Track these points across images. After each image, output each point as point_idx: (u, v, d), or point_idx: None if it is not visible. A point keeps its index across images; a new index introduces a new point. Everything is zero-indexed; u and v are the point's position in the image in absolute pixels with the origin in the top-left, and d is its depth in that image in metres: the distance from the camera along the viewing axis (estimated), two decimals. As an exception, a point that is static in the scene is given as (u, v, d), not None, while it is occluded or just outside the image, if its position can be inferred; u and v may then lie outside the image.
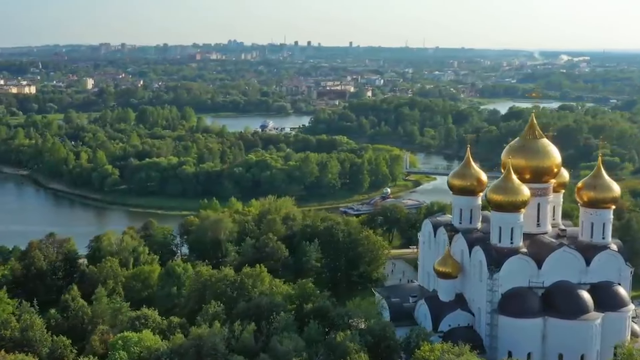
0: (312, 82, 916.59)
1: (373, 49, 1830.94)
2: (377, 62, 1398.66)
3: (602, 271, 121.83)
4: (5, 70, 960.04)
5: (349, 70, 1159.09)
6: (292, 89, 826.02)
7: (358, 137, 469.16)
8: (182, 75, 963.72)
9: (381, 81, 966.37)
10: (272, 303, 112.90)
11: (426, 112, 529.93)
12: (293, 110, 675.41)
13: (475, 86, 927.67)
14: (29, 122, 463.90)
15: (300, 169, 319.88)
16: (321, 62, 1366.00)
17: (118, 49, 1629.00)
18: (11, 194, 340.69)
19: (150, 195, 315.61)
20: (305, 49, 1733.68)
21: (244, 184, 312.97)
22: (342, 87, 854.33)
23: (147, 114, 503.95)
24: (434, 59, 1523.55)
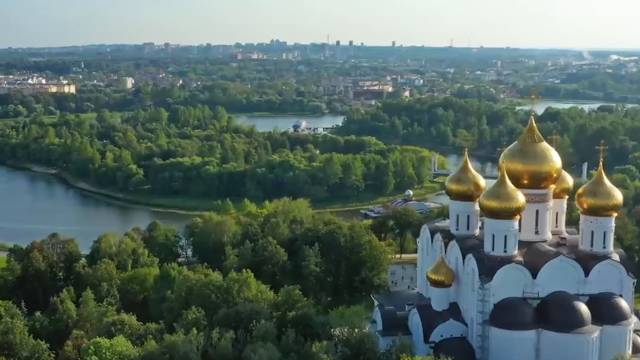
0: (350, 82, 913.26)
1: (416, 49, 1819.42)
2: (419, 61, 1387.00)
3: (602, 282, 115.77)
4: (49, 70, 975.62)
5: (389, 70, 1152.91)
6: (329, 89, 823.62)
7: (390, 137, 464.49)
8: (221, 75, 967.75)
9: (420, 81, 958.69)
10: (252, 310, 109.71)
11: (460, 112, 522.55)
12: (328, 110, 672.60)
13: (516, 86, 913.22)
14: (62, 121, 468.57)
15: (323, 170, 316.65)
16: (362, 62, 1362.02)
17: (161, 49, 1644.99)
18: (37, 192, 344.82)
19: (173, 195, 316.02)
20: (347, 49, 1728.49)
21: (266, 185, 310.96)
22: (380, 87, 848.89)
23: (179, 113, 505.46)
24: (478, 59, 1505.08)
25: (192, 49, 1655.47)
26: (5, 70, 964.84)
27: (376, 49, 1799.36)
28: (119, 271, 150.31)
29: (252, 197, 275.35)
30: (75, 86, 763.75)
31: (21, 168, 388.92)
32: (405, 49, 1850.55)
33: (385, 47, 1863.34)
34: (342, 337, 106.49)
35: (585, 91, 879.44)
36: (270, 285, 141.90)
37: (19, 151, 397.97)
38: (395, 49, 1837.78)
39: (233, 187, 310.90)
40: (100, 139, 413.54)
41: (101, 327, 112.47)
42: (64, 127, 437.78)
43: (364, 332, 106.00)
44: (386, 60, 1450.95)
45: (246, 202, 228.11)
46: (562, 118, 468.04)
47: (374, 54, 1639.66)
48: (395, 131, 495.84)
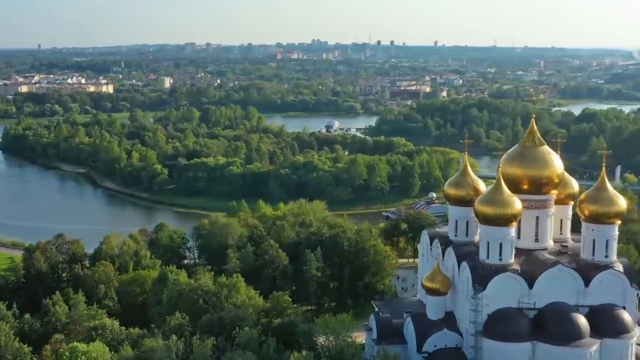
0: (388, 82, 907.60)
1: (458, 49, 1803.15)
2: (460, 61, 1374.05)
3: (603, 293, 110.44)
4: (90, 70, 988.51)
5: (429, 70, 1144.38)
6: (365, 89, 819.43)
7: (422, 138, 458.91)
8: (259, 75, 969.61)
9: (460, 81, 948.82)
10: (236, 317, 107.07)
11: (495, 113, 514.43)
12: (363, 111, 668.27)
13: (557, 87, 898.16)
14: (94, 121, 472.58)
15: (348, 171, 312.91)
16: (402, 62, 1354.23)
17: (203, 49, 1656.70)
18: (64, 191, 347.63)
19: (197, 195, 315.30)
20: (388, 49, 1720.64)
21: (290, 186, 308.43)
22: (418, 87, 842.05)
23: (210, 113, 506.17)
24: (521, 59, 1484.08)
25: (233, 49, 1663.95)
26: (47, 70, 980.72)
27: (418, 48, 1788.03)
28: (117, 273, 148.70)
29: (275, 198, 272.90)
30: (113, 86, 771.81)
31: (51, 167, 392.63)
32: (448, 48, 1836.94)
33: (427, 47, 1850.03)
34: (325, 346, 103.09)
35: (629, 92, 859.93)
36: (270, 289, 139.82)
37: (50, 150, 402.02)
38: (437, 49, 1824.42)
39: (256, 188, 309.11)
40: (130, 138, 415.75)
41: (83, 331, 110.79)
42: (95, 126, 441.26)
43: (345, 342, 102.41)
44: (427, 60, 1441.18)
45: (260, 203, 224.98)
46: (599, 119, 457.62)
47: (415, 53, 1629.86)
48: (428, 132, 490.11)
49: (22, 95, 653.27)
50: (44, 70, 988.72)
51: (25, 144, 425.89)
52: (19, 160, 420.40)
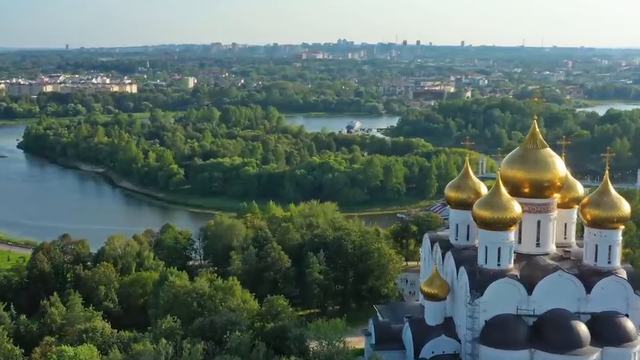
0: (412, 82, 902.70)
1: (485, 49, 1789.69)
2: (486, 61, 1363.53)
3: (605, 300, 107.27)
4: (115, 69, 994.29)
5: (454, 70, 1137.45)
6: (389, 89, 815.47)
7: (444, 139, 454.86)
8: (282, 75, 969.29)
9: (485, 81, 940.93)
10: (228, 321, 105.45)
11: (518, 114, 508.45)
12: (385, 111, 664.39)
13: (583, 87, 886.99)
14: (114, 121, 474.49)
15: (364, 172, 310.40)
16: (428, 62, 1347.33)
17: (229, 49, 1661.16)
18: (81, 191, 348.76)
19: (212, 195, 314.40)
20: (414, 49, 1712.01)
21: (305, 187, 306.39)
22: (442, 87, 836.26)
23: (230, 113, 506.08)
24: (549, 59, 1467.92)
25: (259, 49, 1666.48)
26: (73, 70, 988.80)
27: (444, 48, 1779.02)
28: (119, 275, 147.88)
29: (290, 199, 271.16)
30: (137, 86, 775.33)
31: (70, 167, 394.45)
32: (475, 48, 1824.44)
33: (453, 47, 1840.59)
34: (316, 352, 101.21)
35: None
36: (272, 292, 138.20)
37: (69, 150, 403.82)
38: (464, 49, 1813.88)
39: (272, 189, 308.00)
40: (149, 138, 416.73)
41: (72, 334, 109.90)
42: (115, 126, 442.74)
43: (336, 348, 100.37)
44: (453, 60, 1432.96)
45: (270, 204, 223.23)
46: (623, 120, 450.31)
47: (442, 53, 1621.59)
48: (449, 132, 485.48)
49: (45, 95, 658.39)
50: (70, 70, 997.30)
51: (45, 144, 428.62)
52: (40, 160, 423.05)
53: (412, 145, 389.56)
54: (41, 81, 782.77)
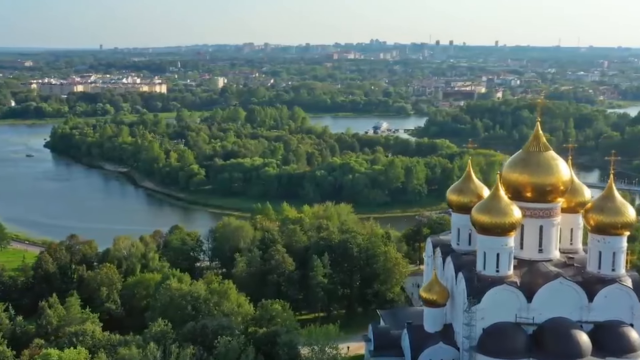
0: (442, 82, 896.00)
1: (520, 49, 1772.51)
2: (520, 61, 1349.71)
3: (608, 309, 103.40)
4: (146, 69, 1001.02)
5: (487, 70, 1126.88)
6: (419, 90, 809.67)
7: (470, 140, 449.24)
8: (313, 75, 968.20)
9: (517, 82, 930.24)
10: (219, 325, 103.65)
11: (547, 115, 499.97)
12: (414, 112, 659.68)
13: (617, 87, 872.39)
14: (139, 120, 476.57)
15: (385, 174, 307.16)
16: (461, 62, 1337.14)
17: (261, 49, 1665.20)
18: (103, 190, 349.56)
19: (232, 196, 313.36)
20: (447, 49, 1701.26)
21: (325, 188, 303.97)
22: (473, 87, 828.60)
23: (255, 113, 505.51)
24: (584, 59, 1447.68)
25: (291, 49, 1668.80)
26: (105, 70, 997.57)
27: (478, 48, 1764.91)
28: (122, 276, 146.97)
29: (310, 200, 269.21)
30: (167, 85, 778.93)
31: (95, 166, 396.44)
32: (509, 48, 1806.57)
33: (487, 47, 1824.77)
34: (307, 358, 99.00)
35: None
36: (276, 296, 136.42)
37: (94, 149, 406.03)
38: (498, 49, 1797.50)
39: (292, 189, 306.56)
40: (174, 138, 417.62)
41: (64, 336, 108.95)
42: (140, 126, 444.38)
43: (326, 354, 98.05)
44: (486, 60, 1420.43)
45: (284, 205, 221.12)
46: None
47: (475, 53, 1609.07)
48: (477, 133, 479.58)
49: (75, 95, 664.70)
50: (102, 70, 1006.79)
51: (71, 143, 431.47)
52: (66, 159, 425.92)
53: (436, 146, 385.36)
54: (72, 81, 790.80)
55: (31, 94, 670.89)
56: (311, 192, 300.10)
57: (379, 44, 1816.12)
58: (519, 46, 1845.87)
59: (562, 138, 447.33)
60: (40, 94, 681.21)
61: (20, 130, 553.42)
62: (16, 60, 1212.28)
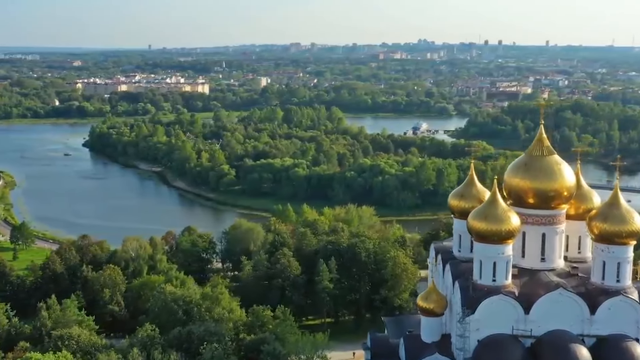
0: (487, 82, 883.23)
1: (571, 48, 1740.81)
2: (570, 61, 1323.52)
3: (612, 322, 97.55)
4: (191, 69, 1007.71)
5: (535, 70, 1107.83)
6: (462, 90, 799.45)
7: (511, 142, 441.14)
8: (356, 75, 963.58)
9: (565, 82, 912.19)
10: (206, 331, 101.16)
11: (590, 116, 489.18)
12: (456, 112, 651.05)
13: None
14: (176, 120, 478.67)
15: (416, 176, 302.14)
16: (509, 62, 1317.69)
17: (307, 49, 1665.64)
18: (135, 190, 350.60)
19: (261, 196, 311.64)
20: (496, 48, 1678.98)
21: (355, 189, 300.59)
22: (518, 88, 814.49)
23: (292, 113, 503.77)
24: (637, 59, 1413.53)
25: (337, 49, 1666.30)
26: (151, 70, 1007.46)
27: (527, 48, 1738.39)
28: (125, 278, 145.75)
29: (339, 202, 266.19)
30: (209, 85, 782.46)
31: (130, 165, 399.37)
32: (560, 48, 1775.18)
33: (537, 47, 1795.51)
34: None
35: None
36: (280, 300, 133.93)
37: (129, 149, 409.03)
38: (548, 49, 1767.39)
39: (321, 191, 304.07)
40: (209, 138, 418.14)
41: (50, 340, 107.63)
42: (176, 125, 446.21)
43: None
44: (536, 60, 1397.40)
45: (305, 207, 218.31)
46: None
47: (524, 53, 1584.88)
48: (517, 135, 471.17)
49: (117, 94, 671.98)
50: (148, 70, 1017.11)
51: (108, 142, 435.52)
52: (102, 158, 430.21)
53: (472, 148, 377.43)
54: (117, 81, 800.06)
55: (75, 94, 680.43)
56: (340, 193, 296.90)
57: (427, 44, 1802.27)
58: (570, 46, 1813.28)
59: (605, 140, 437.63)
60: (83, 94, 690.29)
61: (62, 129, 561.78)
62: (66, 60, 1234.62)
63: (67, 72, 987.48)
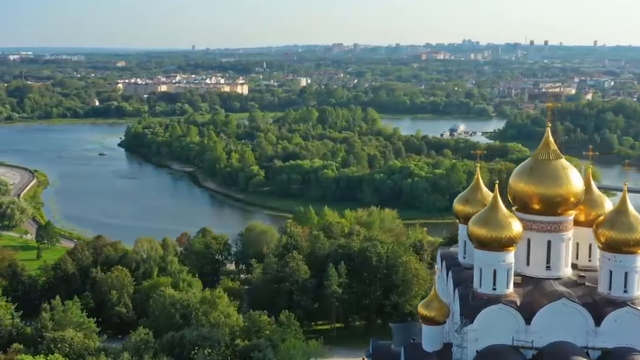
0: (530, 83, 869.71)
1: (620, 49, 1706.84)
2: (618, 62, 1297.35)
3: (618, 334, 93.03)
4: (232, 70, 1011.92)
5: (580, 71, 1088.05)
6: (504, 91, 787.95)
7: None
8: (397, 76, 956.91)
9: (611, 83, 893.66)
10: (199, 336, 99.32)
11: (633, 118, 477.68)
12: (496, 114, 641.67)
13: None
14: (210, 121, 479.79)
15: (446, 178, 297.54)
16: (554, 63, 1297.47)
17: (350, 49, 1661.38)
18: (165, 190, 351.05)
19: (290, 197, 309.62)
20: (542, 49, 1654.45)
21: (384, 191, 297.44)
22: (562, 89, 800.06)
23: (327, 114, 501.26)
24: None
25: (380, 50, 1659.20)
26: (192, 71, 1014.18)
27: (575, 48, 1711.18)
28: (133, 280, 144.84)
29: (368, 204, 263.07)
30: (248, 86, 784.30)
31: (163, 165, 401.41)
32: (608, 48, 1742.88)
33: (585, 47, 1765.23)
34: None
35: None
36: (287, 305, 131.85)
37: (163, 149, 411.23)
38: (596, 49, 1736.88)
39: (350, 193, 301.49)
40: (243, 139, 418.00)
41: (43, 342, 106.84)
42: (210, 126, 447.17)
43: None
44: (583, 60, 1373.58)
45: (326, 210, 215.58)
46: None
47: (571, 54, 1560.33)
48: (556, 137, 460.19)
49: (155, 95, 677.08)
50: (189, 70, 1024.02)
51: (143, 142, 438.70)
52: (137, 158, 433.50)
53: (507, 150, 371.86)
54: (157, 81, 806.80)
55: (114, 94, 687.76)
56: (369, 195, 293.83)
57: (471, 44, 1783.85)
58: (619, 46, 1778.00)
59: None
60: (123, 94, 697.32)
61: (101, 129, 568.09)
62: (110, 60, 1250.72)
63: (110, 72, 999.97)
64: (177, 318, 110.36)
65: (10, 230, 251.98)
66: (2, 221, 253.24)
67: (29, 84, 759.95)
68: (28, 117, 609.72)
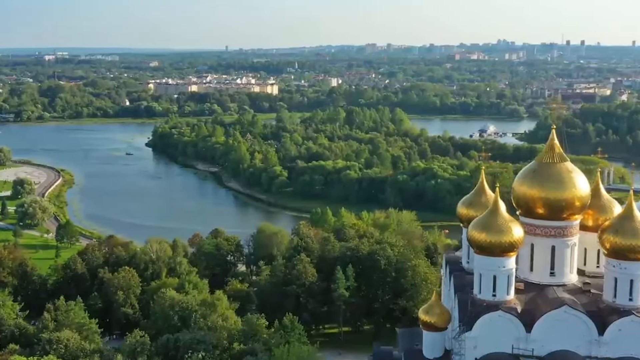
0: (565, 84, 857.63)
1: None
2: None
3: (623, 344, 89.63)
4: (264, 70, 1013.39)
5: (617, 71, 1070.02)
6: (537, 92, 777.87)
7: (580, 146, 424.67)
8: (429, 76, 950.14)
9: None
10: (193, 339, 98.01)
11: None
12: (527, 115, 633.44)
13: None
14: (236, 121, 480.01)
15: (470, 180, 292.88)
16: (591, 63, 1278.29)
17: (383, 49, 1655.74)
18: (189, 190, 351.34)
19: (312, 198, 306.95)
20: (578, 49, 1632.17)
21: (407, 193, 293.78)
22: (596, 90, 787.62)
23: (354, 115, 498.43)
24: None
25: (414, 50, 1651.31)
26: (224, 71, 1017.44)
27: (612, 49, 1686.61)
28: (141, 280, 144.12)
29: (390, 205, 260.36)
30: (279, 86, 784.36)
31: (189, 165, 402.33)
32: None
33: (623, 47, 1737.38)
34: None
35: None
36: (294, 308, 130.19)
37: (189, 149, 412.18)
38: (634, 49, 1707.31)
39: (372, 194, 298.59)
40: (269, 139, 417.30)
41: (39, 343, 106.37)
42: (237, 126, 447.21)
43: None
44: (620, 61, 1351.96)
45: (343, 211, 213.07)
46: None
47: (608, 54, 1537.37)
48: (587, 139, 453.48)
49: (184, 95, 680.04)
50: (221, 70, 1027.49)
51: (169, 142, 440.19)
52: (163, 158, 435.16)
53: (535, 152, 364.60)
54: (188, 81, 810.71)
55: (144, 94, 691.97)
56: (392, 197, 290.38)
57: (506, 44, 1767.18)
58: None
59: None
60: (153, 94, 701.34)
61: (130, 128, 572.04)
62: (143, 61, 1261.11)
63: (143, 72, 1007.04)
64: (175, 320, 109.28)
65: (32, 229, 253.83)
66: (24, 220, 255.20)
67: (61, 84, 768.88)
68: (59, 117, 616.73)
